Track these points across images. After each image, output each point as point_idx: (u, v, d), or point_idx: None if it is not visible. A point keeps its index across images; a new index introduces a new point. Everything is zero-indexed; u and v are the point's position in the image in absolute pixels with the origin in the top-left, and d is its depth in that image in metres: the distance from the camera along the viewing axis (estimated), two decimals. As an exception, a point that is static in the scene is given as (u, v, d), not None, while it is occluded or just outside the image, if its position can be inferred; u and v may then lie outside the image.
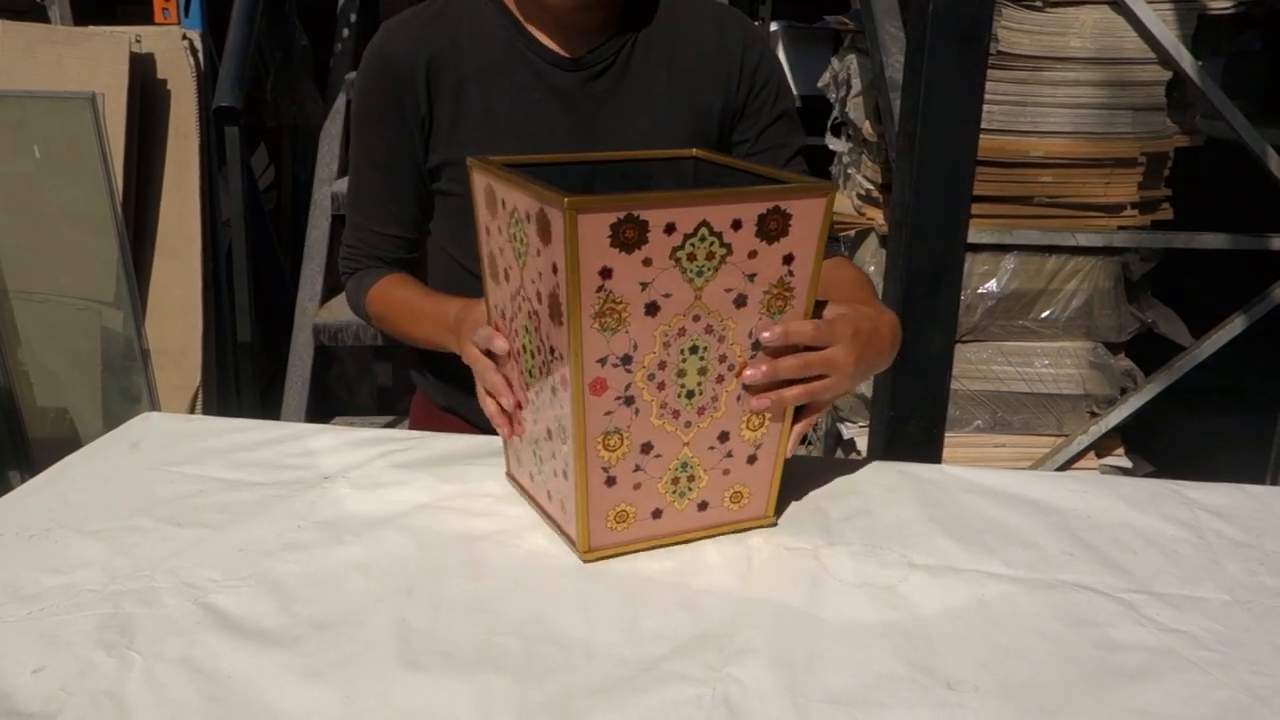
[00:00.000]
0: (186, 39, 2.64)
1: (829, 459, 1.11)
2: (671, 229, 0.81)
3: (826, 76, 2.73)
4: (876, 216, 2.41)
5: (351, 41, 3.05)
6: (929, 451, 1.64)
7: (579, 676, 0.75)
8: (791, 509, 1.00)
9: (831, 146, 2.78)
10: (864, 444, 2.32)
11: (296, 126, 3.32)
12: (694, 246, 0.82)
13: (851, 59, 2.56)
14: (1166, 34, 2.16)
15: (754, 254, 0.84)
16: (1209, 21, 2.23)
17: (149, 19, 2.71)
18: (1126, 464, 2.43)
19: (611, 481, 0.89)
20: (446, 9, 1.18)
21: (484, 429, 1.27)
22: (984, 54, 1.52)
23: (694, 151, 1.04)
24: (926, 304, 1.59)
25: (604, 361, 0.84)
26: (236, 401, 2.77)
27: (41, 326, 2.51)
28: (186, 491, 1.02)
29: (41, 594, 0.85)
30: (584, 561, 0.90)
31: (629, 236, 0.80)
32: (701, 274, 0.83)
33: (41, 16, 2.82)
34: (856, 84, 2.52)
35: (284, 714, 0.71)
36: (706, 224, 0.81)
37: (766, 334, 0.87)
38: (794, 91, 3.25)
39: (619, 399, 0.85)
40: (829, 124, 2.76)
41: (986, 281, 2.30)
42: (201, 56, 2.66)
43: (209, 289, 2.67)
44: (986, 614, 0.83)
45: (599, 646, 0.78)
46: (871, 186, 2.42)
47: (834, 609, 0.83)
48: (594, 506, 0.89)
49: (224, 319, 2.75)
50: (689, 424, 0.89)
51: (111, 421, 2.43)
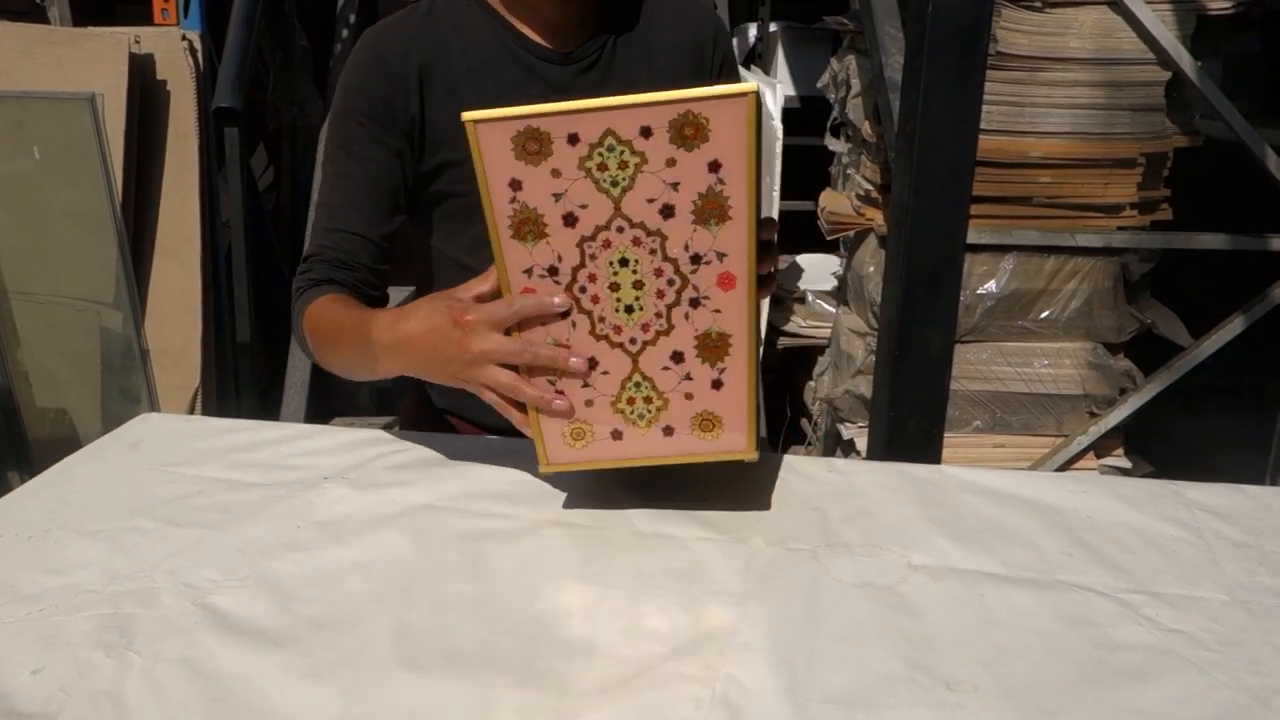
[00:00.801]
0: (186, 40, 2.64)
1: (828, 459, 1.11)
2: (575, 139, 0.82)
3: (826, 77, 2.73)
4: (876, 217, 2.41)
5: (351, 42, 3.05)
6: (928, 452, 1.64)
7: (578, 677, 0.75)
8: (791, 509, 1.00)
9: (831, 147, 2.78)
10: (863, 444, 2.32)
11: (296, 127, 3.32)
12: (602, 156, 0.82)
13: (851, 59, 2.56)
14: (1166, 34, 2.16)
15: (672, 162, 0.83)
16: (1208, 22, 2.23)
17: (148, 20, 2.71)
18: (1126, 464, 2.43)
19: (559, 395, 0.91)
20: (433, 11, 1.19)
21: (483, 429, 1.27)
22: (983, 54, 1.53)
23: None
24: (926, 304, 1.59)
25: (529, 272, 0.87)
26: (236, 402, 2.77)
27: (41, 327, 2.51)
28: (186, 492, 1.02)
29: (41, 595, 0.85)
30: (542, 473, 0.95)
31: (532, 149, 0.82)
32: (616, 184, 0.83)
33: (41, 17, 2.83)
34: (856, 84, 2.52)
35: (283, 714, 0.71)
36: (612, 133, 0.82)
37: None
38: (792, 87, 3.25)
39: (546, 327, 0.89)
40: (828, 124, 2.76)
41: (986, 282, 2.30)
42: (201, 57, 2.67)
43: (208, 289, 2.67)
44: (986, 614, 0.83)
45: (599, 646, 0.78)
46: (871, 187, 2.42)
47: (833, 609, 0.84)
48: (547, 420, 0.92)
49: (223, 319, 2.75)
50: (634, 340, 0.89)
51: (111, 422, 2.43)
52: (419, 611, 0.83)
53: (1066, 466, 2.36)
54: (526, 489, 1.03)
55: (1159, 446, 2.59)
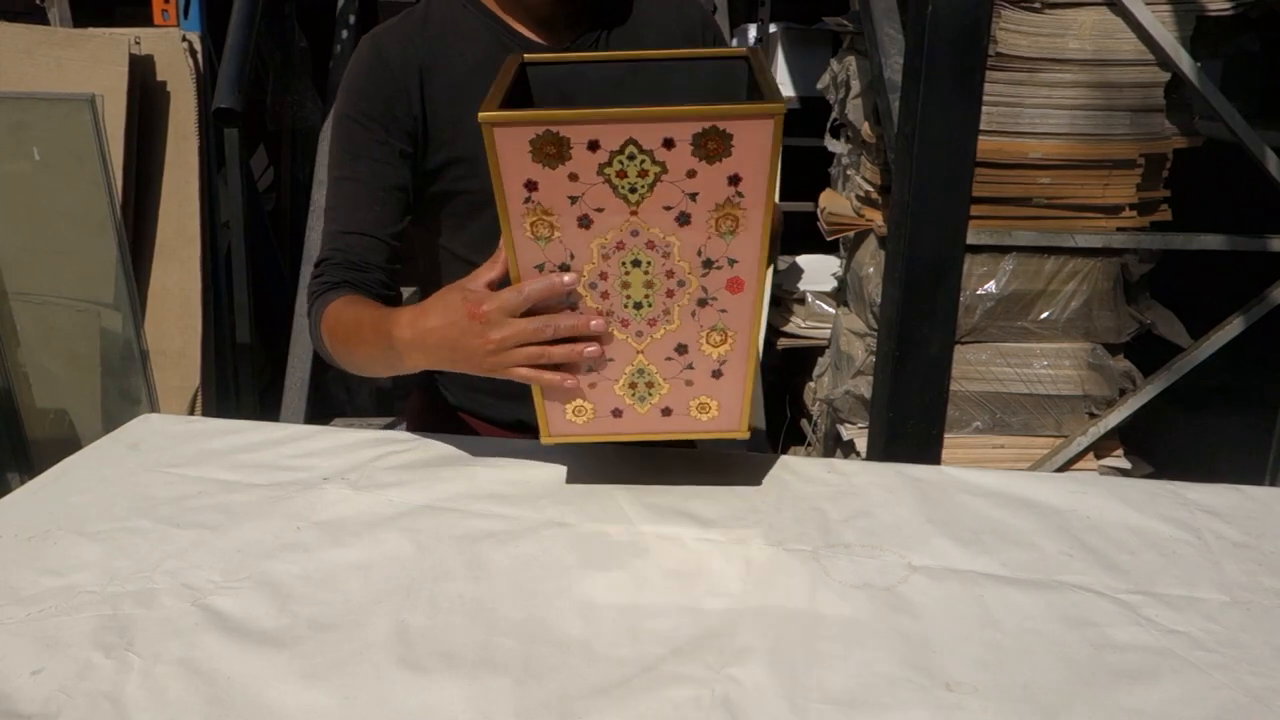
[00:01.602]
0: (186, 41, 2.64)
1: (828, 460, 1.12)
2: (595, 146, 0.82)
3: (826, 78, 2.73)
4: (875, 218, 2.41)
5: (350, 43, 3.05)
6: (928, 453, 1.65)
7: (578, 677, 0.75)
8: (791, 510, 1.00)
9: (830, 148, 2.78)
10: (863, 445, 2.32)
11: (295, 128, 3.32)
12: (623, 164, 0.83)
13: (850, 60, 2.56)
14: (1165, 35, 2.16)
15: (693, 173, 0.84)
16: (1207, 23, 2.23)
17: (148, 21, 2.71)
18: (1125, 465, 2.43)
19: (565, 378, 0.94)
20: (430, 13, 1.21)
21: (496, 425, 1.27)
22: (982, 55, 1.53)
23: (744, 50, 1.03)
24: (925, 305, 1.59)
25: (541, 268, 0.89)
26: (235, 403, 2.77)
27: (41, 328, 2.51)
28: (185, 493, 1.02)
29: (41, 595, 0.85)
30: (544, 443, 0.99)
31: (550, 152, 0.82)
32: (635, 191, 0.84)
33: (41, 18, 2.83)
34: (855, 85, 2.52)
35: (283, 714, 0.71)
36: (634, 142, 0.82)
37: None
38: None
39: (561, 303, 0.90)
40: (828, 125, 2.76)
41: (985, 283, 2.30)
42: (201, 58, 2.67)
43: (208, 290, 2.67)
44: (985, 615, 0.83)
45: (598, 647, 0.78)
46: (870, 188, 2.42)
47: (833, 610, 0.84)
48: (549, 396, 0.95)
49: (223, 320, 2.75)
50: (640, 333, 0.92)
51: (111, 423, 2.43)
52: (419, 612, 0.83)
53: (1066, 467, 2.36)
54: (526, 490, 1.03)
55: (1158, 447, 2.59)
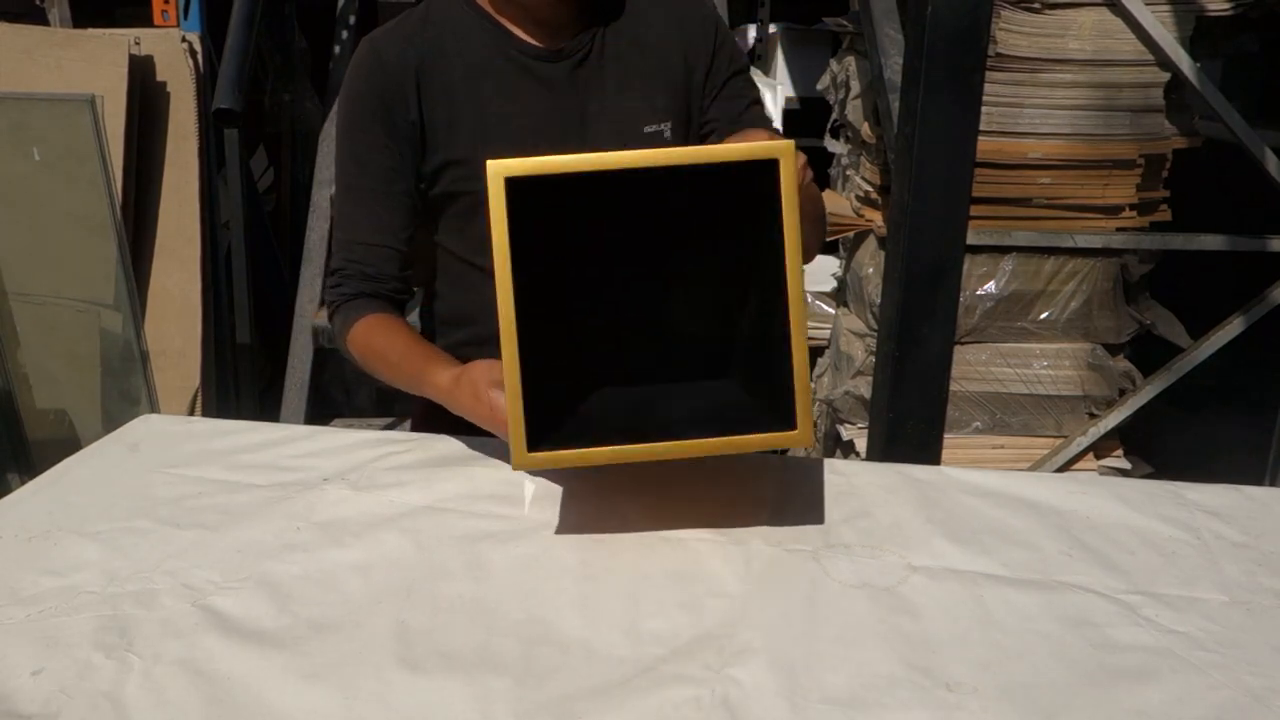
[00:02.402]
0: (186, 41, 2.64)
1: (828, 460, 1.12)
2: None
3: (825, 79, 2.73)
4: (875, 218, 2.41)
5: (350, 44, 3.05)
6: (928, 453, 1.64)
7: (578, 677, 0.75)
8: (791, 510, 1.00)
9: (830, 148, 2.78)
10: (863, 445, 2.32)
11: (295, 129, 3.32)
12: None
13: (850, 61, 2.56)
14: (1165, 36, 2.16)
15: None
16: (1207, 23, 2.23)
17: (148, 21, 2.71)
18: (1125, 465, 2.43)
19: None
20: (428, 17, 1.22)
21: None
22: (982, 56, 1.53)
23: (775, 150, 0.93)
24: (925, 305, 1.59)
25: None
26: (235, 403, 2.77)
27: (41, 328, 2.51)
28: (185, 493, 1.02)
29: (41, 596, 0.85)
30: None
31: None
32: None
33: (41, 19, 2.83)
34: (855, 86, 2.52)
35: (283, 715, 0.71)
36: None
37: None
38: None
39: None
40: (828, 126, 2.76)
41: (985, 283, 2.30)
42: (201, 59, 2.66)
43: (208, 291, 2.67)
44: (985, 615, 0.83)
45: (598, 647, 0.78)
46: (870, 188, 2.42)
47: (833, 610, 0.84)
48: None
49: (223, 321, 2.75)
50: None
51: (111, 423, 2.43)
52: (418, 612, 0.83)
53: (1066, 467, 2.36)
54: (525, 490, 1.03)
55: (1158, 447, 2.59)
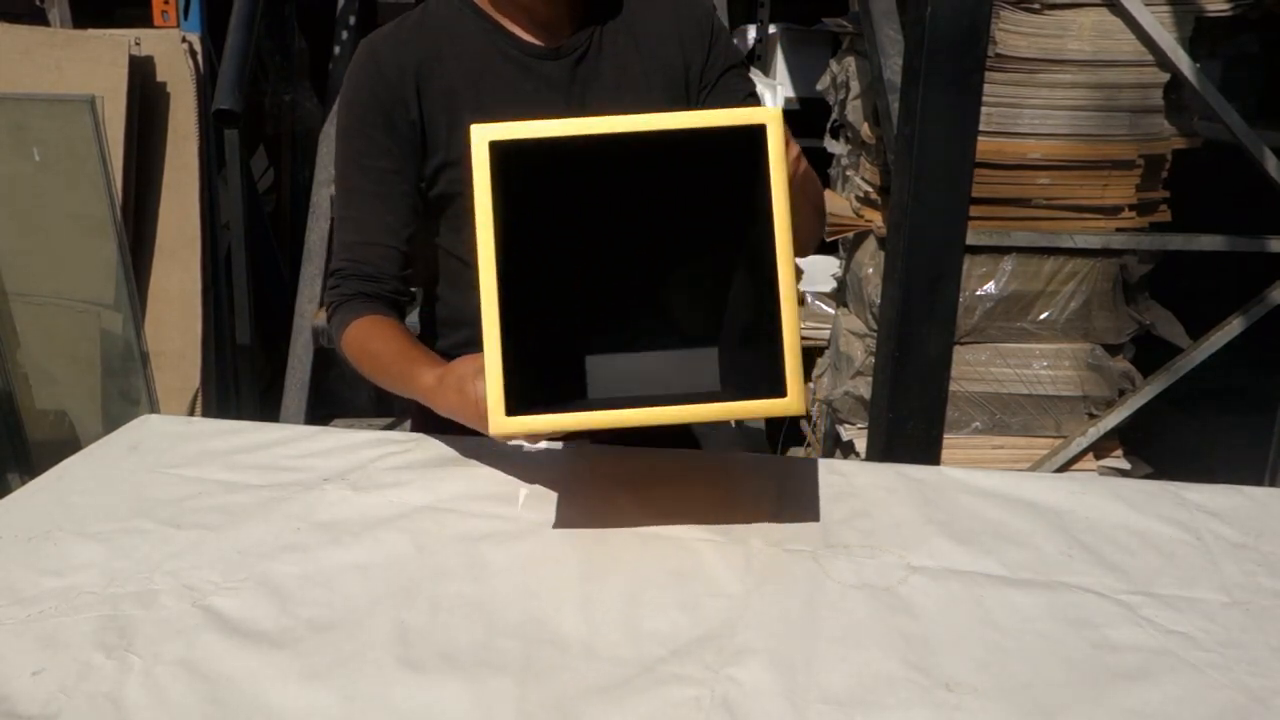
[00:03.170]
0: (186, 42, 2.64)
1: (828, 461, 1.12)
2: None
3: (825, 79, 2.73)
4: (875, 218, 2.41)
5: (350, 45, 3.05)
6: (928, 453, 1.64)
7: (578, 677, 0.75)
8: (791, 510, 1.00)
9: (830, 149, 2.78)
10: (863, 446, 2.32)
11: (295, 129, 3.32)
12: None
13: (850, 61, 2.56)
14: (1164, 36, 2.16)
15: None
16: (1206, 24, 2.23)
17: (148, 22, 2.71)
18: (1125, 465, 2.43)
19: None
20: (425, 19, 1.22)
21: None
22: (982, 56, 1.53)
23: (760, 117, 0.94)
24: (925, 306, 1.59)
25: None
26: (235, 403, 2.77)
27: (41, 329, 2.51)
28: (185, 493, 1.02)
29: (41, 596, 0.85)
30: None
31: None
32: None
33: (41, 19, 2.82)
34: (855, 86, 2.52)
35: (283, 715, 0.71)
36: None
37: None
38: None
39: None
40: (828, 126, 2.76)
41: (985, 283, 2.30)
42: (201, 59, 2.67)
43: (208, 291, 2.67)
44: (985, 615, 0.83)
45: (598, 647, 0.79)
46: (870, 189, 2.42)
47: (832, 610, 0.84)
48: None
49: (223, 321, 2.75)
50: None
51: (111, 424, 2.43)
52: (418, 612, 0.83)
53: (1065, 468, 2.36)
54: (525, 490, 1.03)
55: (1158, 448, 2.59)
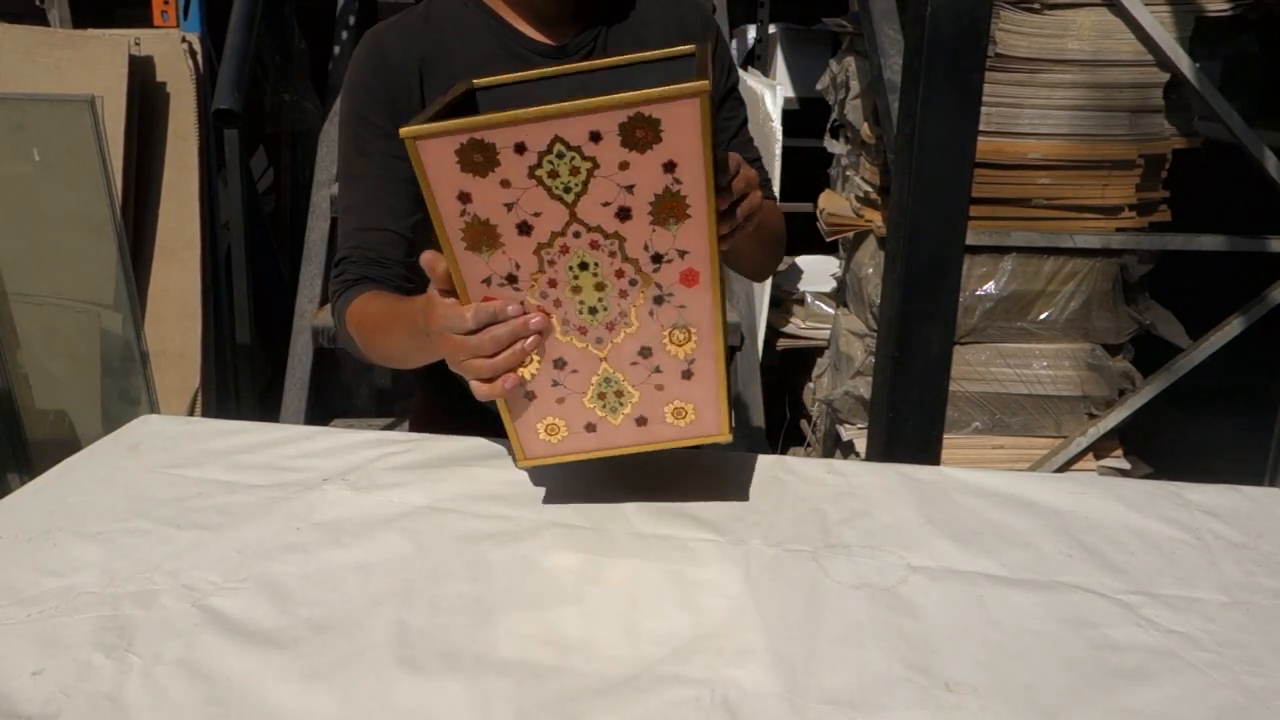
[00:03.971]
0: (186, 42, 2.65)
1: (828, 461, 1.12)
2: (522, 148, 0.80)
3: (825, 79, 2.73)
4: (875, 218, 2.41)
5: (350, 45, 3.05)
6: (927, 453, 1.65)
7: (578, 678, 0.75)
8: (790, 511, 1.00)
9: (830, 149, 2.78)
10: (863, 446, 2.32)
11: (295, 129, 3.32)
12: (553, 163, 0.81)
13: (850, 61, 2.56)
14: (1164, 36, 2.16)
15: (625, 165, 0.81)
16: (1206, 23, 2.24)
17: (148, 22, 2.71)
18: (1125, 465, 2.43)
19: (531, 395, 0.92)
20: (430, 12, 1.22)
21: (495, 428, 1.27)
22: (982, 56, 1.53)
23: (692, 48, 1.01)
24: (925, 306, 1.59)
25: (488, 282, 0.86)
26: (235, 404, 2.77)
27: (41, 329, 2.51)
28: (185, 494, 1.02)
29: (41, 596, 0.85)
30: (519, 467, 0.98)
31: (478, 160, 0.80)
32: (570, 190, 0.82)
33: (40, 19, 2.83)
34: (855, 86, 2.52)
35: (283, 715, 0.71)
36: (560, 139, 0.80)
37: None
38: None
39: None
40: (827, 126, 2.76)
41: (985, 283, 2.31)
42: (200, 59, 2.67)
43: (208, 291, 2.67)
44: (985, 615, 0.83)
45: (598, 648, 0.79)
46: (870, 189, 2.42)
47: (832, 610, 0.84)
48: (519, 419, 0.93)
49: (223, 321, 2.75)
50: (600, 340, 0.90)
51: (111, 424, 2.44)
52: (418, 613, 0.83)
53: (1065, 468, 2.37)
54: (525, 490, 1.03)
55: (1158, 448, 2.59)
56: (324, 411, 2.75)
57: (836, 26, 2.67)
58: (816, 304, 2.93)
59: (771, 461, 1.10)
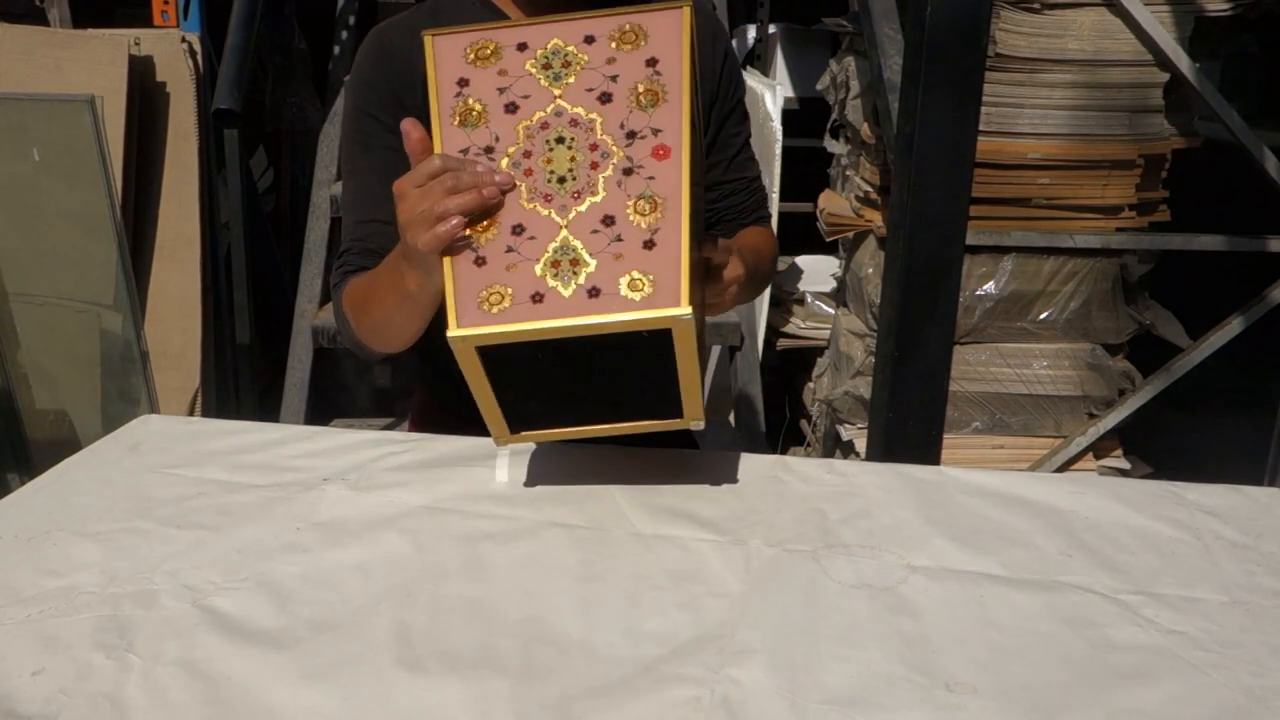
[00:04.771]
0: (185, 42, 2.64)
1: (828, 460, 1.12)
2: (524, 47, 0.93)
3: (825, 79, 2.73)
4: (875, 218, 2.41)
5: (350, 44, 3.05)
6: (927, 453, 1.65)
7: (578, 677, 0.75)
8: (790, 510, 1.00)
9: (830, 149, 2.78)
10: (863, 446, 2.32)
11: (295, 129, 3.32)
12: (548, 58, 0.93)
13: (850, 61, 2.56)
14: (1164, 36, 2.16)
15: (612, 60, 0.93)
16: (1206, 23, 2.24)
17: (148, 22, 2.71)
18: (1124, 465, 2.43)
19: (481, 262, 0.90)
20: (437, 9, 1.21)
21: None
22: (982, 56, 1.53)
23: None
24: (924, 306, 1.59)
25: (465, 152, 0.92)
26: (235, 404, 2.77)
27: (41, 329, 2.51)
28: (185, 494, 1.02)
29: (41, 596, 0.85)
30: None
31: (484, 54, 0.93)
32: (559, 79, 0.92)
33: (40, 19, 2.83)
34: (855, 86, 2.52)
35: (283, 715, 0.71)
36: (558, 39, 0.93)
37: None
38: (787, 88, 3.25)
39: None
40: (827, 126, 2.76)
41: (984, 283, 2.31)
42: (200, 59, 2.67)
43: (208, 291, 2.67)
44: (985, 615, 0.83)
45: (598, 647, 0.79)
46: (870, 188, 2.42)
47: (832, 610, 0.84)
48: (462, 287, 0.88)
49: (223, 321, 2.75)
50: (565, 207, 0.90)
51: (111, 424, 2.43)
52: (418, 613, 0.83)
53: (1065, 467, 2.37)
54: (525, 491, 1.03)
55: (1158, 447, 2.59)
56: (324, 411, 2.75)
57: (836, 26, 2.67)
58: (816, 304, 2.93)
59: (771, 461, 1.10)
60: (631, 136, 0.90)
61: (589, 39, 0.92)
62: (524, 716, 0.71)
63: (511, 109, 0.92)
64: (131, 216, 2.58)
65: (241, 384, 2.78)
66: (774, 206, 2.73)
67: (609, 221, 0.89)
